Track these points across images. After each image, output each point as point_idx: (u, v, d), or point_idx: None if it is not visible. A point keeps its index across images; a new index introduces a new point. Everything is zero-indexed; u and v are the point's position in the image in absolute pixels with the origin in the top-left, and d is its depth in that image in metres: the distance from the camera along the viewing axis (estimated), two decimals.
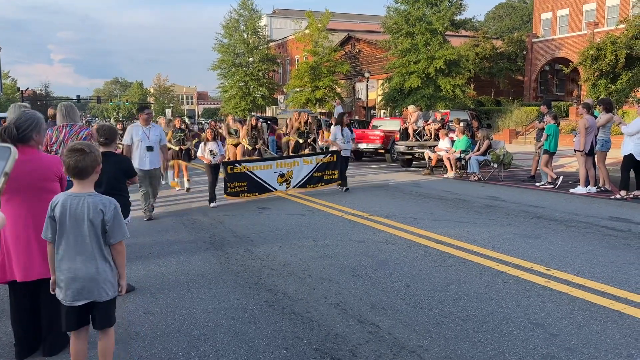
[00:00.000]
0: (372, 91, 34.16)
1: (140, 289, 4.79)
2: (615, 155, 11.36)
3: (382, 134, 18.25)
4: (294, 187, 10.21)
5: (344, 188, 10.82)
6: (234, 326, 3.91)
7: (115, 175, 4.70)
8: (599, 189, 10.08)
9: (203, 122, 36.12)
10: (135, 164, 7.75)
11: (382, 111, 31.38)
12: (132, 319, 4.12)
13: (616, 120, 9.83)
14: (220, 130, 16.81)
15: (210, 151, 9.32)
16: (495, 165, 12.44)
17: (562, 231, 6.79)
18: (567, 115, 25.97)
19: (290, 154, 13.78)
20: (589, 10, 32.98)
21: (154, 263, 5.70)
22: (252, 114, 39.20)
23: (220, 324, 3.97)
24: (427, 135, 15.80)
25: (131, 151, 8.06)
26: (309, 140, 13.74)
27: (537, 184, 11.29)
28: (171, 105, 66.81)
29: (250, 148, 13.00)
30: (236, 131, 13.56)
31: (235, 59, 43.08)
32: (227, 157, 13.51)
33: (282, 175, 10.02)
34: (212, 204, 9.26)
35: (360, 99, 36.30)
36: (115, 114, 48.47)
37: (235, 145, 13.44)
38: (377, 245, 6.21)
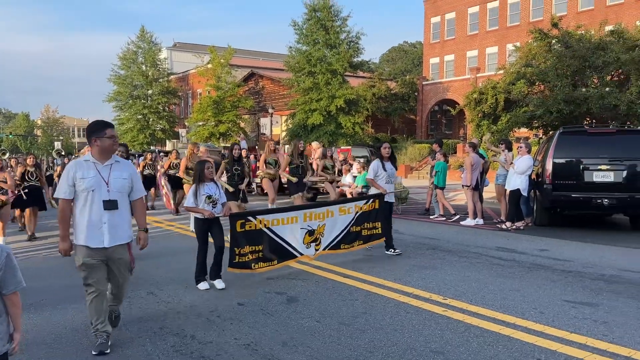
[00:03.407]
0: (276, 126, 34.65)
1: (35, 339, 4.41)
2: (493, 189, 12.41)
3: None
4: (325, 248, 7.11)
5: (394, 250, 7.84)
6: None
7: None
8: (498, 221, 10.94)
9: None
10: (80, 239, 4.10)
11: (287, 146, 31.88)
12: None
13: (508, 159, 10.80)
14: (160, 165, 13.99)
15: (209, 197, 5.98)
16: (394, 200, 13.08)
17: (455, 262, 7.30)
18: (455, 152, 28.09)
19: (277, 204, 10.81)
20: (472, 57, 36.38)
21: (49, 310, 5.28)
22: (152, 148, 37.91)
23: None
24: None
25: (71, 210, 4.17)
26: (311, 179, 11.55)
27: (430, 217, 12.04)
28: (61, 138, 62.69)
29: (231, 190, 9.30)
30: None
31: (132, 90, 41.77)
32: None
33: (311, 233, 6.89)
34: (204, 285, 6.02)
35: (264, 134, 36.62)
36: None
37: None
38: (286, 282, 6.26)
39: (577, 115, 16.18)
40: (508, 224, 10.16)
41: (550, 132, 15.34)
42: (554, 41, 17.51)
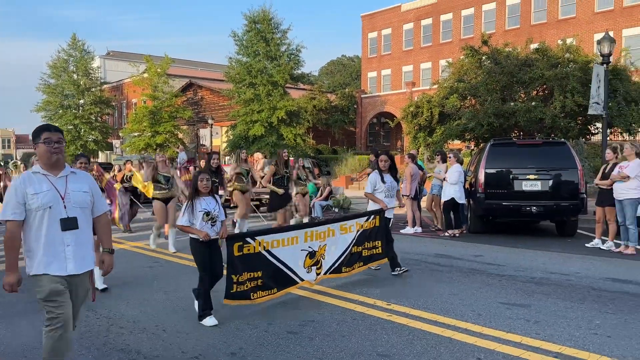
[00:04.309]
0: (216, 137, 34.22)
1: None
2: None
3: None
4: (326, 272, 6.34)
5: (400, 269, 7.02)
6: None
7: None
8: (435, 229, 11.34)
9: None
10: (39, 267, 3.37)
11: (227, 157, 31.57)
12: None
13: (443, 170, 11.25)
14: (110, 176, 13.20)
15: (207, 214, 5.10)
16: (337, 210, 13.31)
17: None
18: None
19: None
20: (407, 72, 37.65)
21: None
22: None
23: None
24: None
25: (24, 231, 3.41)
26: (296, 192, 11.06)
27: None
28: None
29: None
30: (167, 179, 9.27)
31: (63, 100, 39.91)
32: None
33: (312, 255, 6.14)
34: (211, 321, 5.04)
35: (204, 145, 36.05)
36: None
37: (166, 201, 9.17)
38: None
39: (506, 128, 17.13)
40: (449, 231, 10.59)
41: (482, 144, 16.13)
42: (484, 58, 18.48)
